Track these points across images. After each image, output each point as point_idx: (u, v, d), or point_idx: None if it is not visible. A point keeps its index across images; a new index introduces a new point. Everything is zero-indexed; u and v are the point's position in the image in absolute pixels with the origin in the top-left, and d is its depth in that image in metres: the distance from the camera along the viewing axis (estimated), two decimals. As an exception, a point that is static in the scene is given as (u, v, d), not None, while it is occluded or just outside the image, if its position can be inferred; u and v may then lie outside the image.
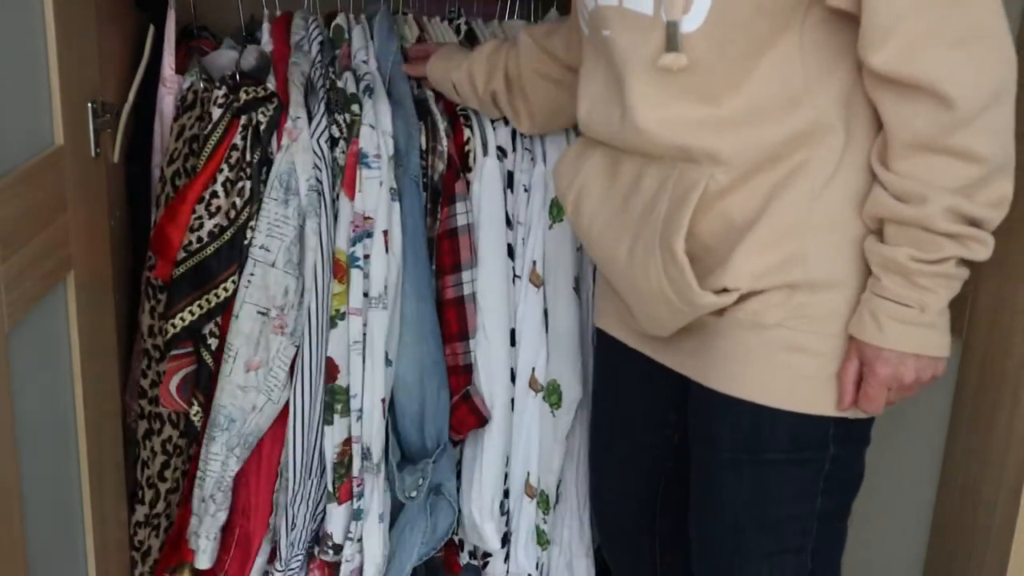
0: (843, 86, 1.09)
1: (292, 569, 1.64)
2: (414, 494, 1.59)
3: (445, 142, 1.55)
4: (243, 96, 1.50)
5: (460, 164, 1.56)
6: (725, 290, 1.12)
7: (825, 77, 1.08)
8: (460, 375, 1.59)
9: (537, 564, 1.68)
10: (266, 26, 1.65)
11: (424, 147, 1.55)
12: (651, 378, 1.31)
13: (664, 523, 1.44)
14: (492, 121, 1.57)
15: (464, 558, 1.74)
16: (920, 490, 1.57)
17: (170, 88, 1.59)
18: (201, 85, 1.55)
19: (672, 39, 1.06)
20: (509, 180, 1.57)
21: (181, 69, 1.59)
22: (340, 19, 1.67)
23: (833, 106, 1.09)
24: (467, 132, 1.57)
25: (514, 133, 1.57)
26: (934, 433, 1.53)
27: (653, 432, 1.38)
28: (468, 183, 1.55)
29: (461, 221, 1.55)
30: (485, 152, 1.56)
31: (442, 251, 1.56)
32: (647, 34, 1.09)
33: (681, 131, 1.11)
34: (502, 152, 1.56)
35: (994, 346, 1.39)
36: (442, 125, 1.56)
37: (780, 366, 1.14)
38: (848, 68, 1.08)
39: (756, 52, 1.07)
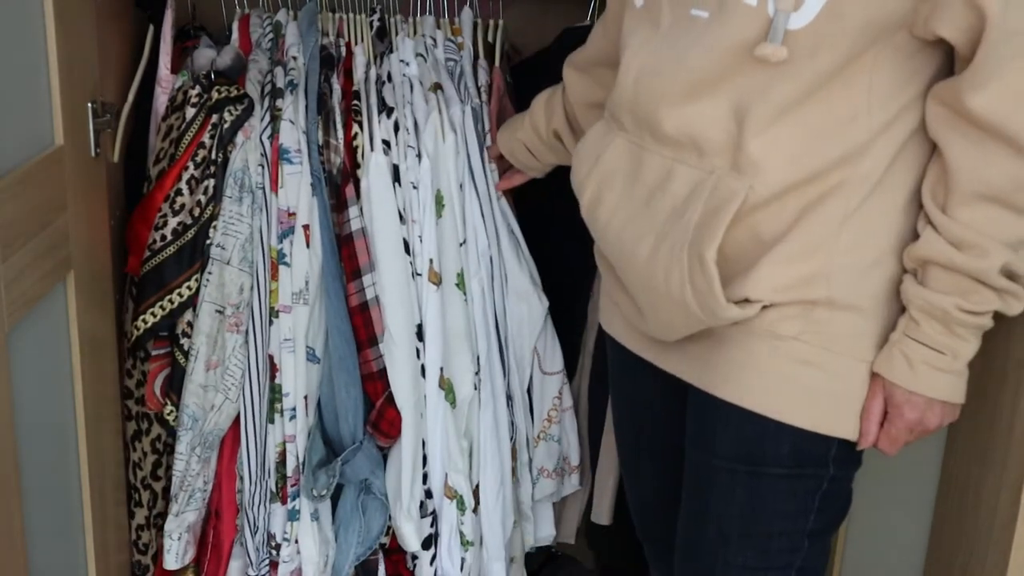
0: (899, 112, 1.07)
1: (263, 573, 1.64)
2: (324, 492, 1.58)
3: (340, 135, 1.53)
4: (215, 95, 1.50)
5: (350, 161, 1.54)
6: (746, 300, 1.10)
7: (887, 100, 1.06)
8: (377, 380, 1.58)
9: (462, 566, 1.66)
10: (235, 25, 1.66)
11: (320, 141, 1.54)
12: (658, 385, 1.30)
13: None
14: (377, 113, 1.55)
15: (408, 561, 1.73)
16: (920, 490, 1.57)
17: (165, 88, 1.59)
18: (191, 85, 1.55)
19: (776, 31, 1.01)
20: (395, 174, 1.54)
21: (177, 69, 1.60)
22: (280, 15, 1.67)
23: (884, 131, 1.07)
24: (355, 127, 1.55)
25: (396, 127, 1.55)
26: (934, 433, 1.53)
27: (670, 436, 1.36)
28: (359, 184, 1.54)
29: (355, 225, 1.54)
30: (372, 147, 1.54)
31: (342, 258, 1.55)
32: (745, 21, 1.04)
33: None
34: (386, 145, 1.54)
35: (994, 346, 1.39)
36: (339, 119, 1.54)
37: (790, 379, 1.13)
38: (912, 95, 1.06)
39: (843, 66, 1.04)
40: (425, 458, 1.62)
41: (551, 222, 1.67)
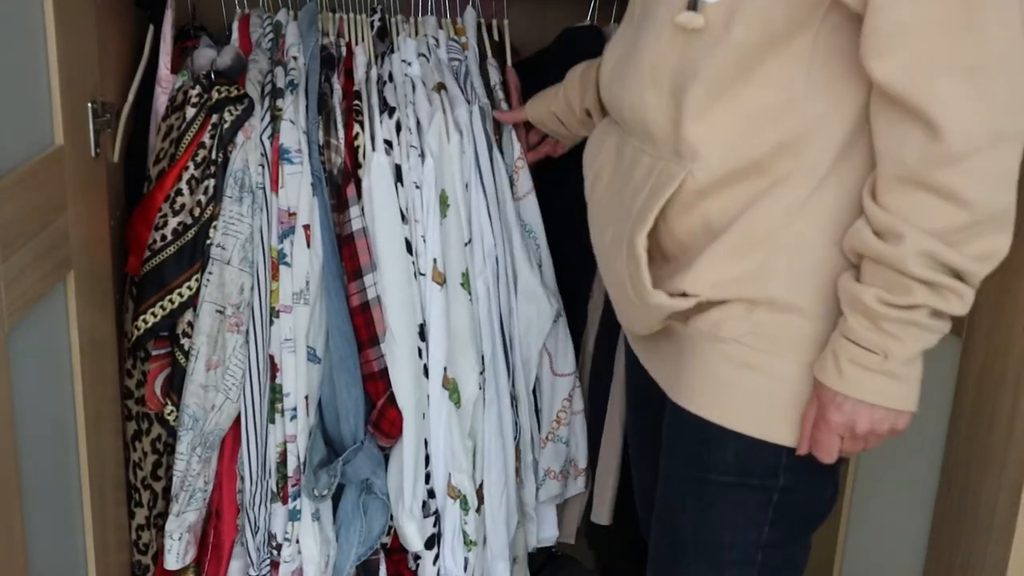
0: (842, 101, 1.02)
1: (264, 573, 1.64)
2: (325, 492, 1.58)
3: (341, 135, 1.53)
4: (215, 95, 1.50)
5: (351, 161, 1.54)
6: (684, 294, 1.07)
7: (828, 88, 1.02)
8: (378, 380, 1.58)
9: (465, 566, 1.66)
10: (235, 25, 1.66)
11: (321, 141, 1.53)
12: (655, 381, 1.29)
13: None
14: (379, 113, 1.55)
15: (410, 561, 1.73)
16: (920, 490, 1.57)
17: (165, 88, 1.59)
18: (191, 85, 1.55)
19: (694, 1, 1.00)
20: (397, 174, 1.54)
21: (177, 69, 1.60)
22: (280, 15, 1.67)
23: (826, 120, 1.03)
24: (356, 127, 1.54)
25: (398, 126, 1.54)
26: (934, 433, 1.53)
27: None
28: (360, 183, 1.54)
29: (356, 225, 1.53)
30: (373, 147, 1.53)
31: (343, 258, 1.55)
32: None
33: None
34: (388, 145, 1.54)
35: (994, 346, 1.39)
36: (340, 119, 1.54)
37: (731, 383, 1.09)
38: (859, 86, 1.01)
39: (766, 44, 1.01)
40: (428, 458, 1.62)
41: (550, 219, 1.67)
